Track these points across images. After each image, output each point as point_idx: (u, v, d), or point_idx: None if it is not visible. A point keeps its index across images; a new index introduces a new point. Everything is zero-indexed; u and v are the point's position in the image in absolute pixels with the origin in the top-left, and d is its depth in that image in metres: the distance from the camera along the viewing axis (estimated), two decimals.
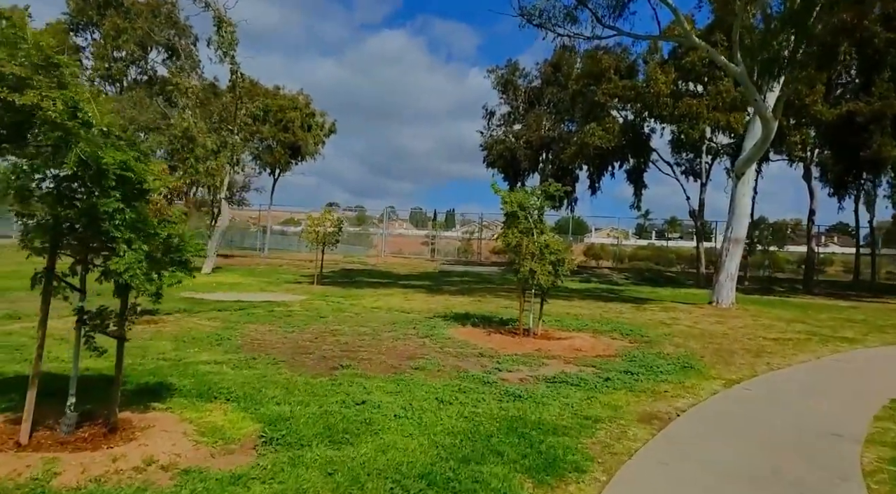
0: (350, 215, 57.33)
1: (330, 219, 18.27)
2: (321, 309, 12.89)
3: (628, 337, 10.94)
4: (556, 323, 12.15)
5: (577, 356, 9.00)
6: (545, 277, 9.86)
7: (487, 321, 11.99)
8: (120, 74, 30.09)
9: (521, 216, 10.61)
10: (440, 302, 15.38)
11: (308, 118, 35.08)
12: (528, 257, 10.11)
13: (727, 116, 22.76)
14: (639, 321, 13.25)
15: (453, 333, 10.40)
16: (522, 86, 34.00)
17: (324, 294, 16.02)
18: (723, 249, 16.24)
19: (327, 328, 10.37)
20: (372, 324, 11.02)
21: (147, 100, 29.46)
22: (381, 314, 12.60)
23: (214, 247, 20.75)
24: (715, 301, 16.07)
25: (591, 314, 14.15)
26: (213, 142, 19.09)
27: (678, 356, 9.25)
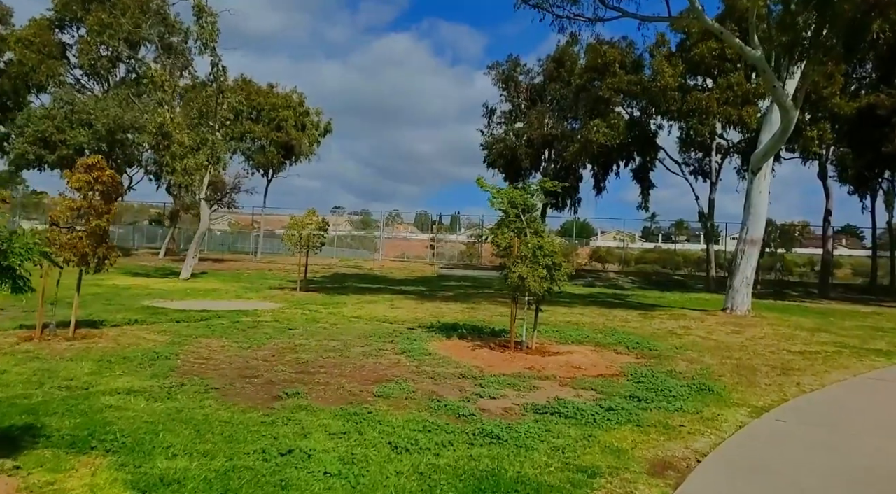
0: (355, 219, 56.28)
1: (314, 220, 17.04)
2: (293, 319, 11.66)
3: (635, 350, 9.64)
4: (554, 333, 10.87)
5: (575, 376, 7.73)
6: (536, 283, 8.58)
7: (477, 332, 10.72)
8: (105, 71, 28.99)
9: (511, 214, 9.36)
10: (429, 309, 14.13)
11: (302, 117, 33.96)
12: (519, 260, 8.84)
13: (739, 111, 21.42)
14: (647, 331, 11.94)
15: (435, 347, 9.14)
16: (524, 83, 32.72)
17: (304, 301, 14.79)
18: (737, 251, 14.91)
19: (291, 342, 9.13)
20: (345, 337, 9.77)
21: (135, 98, 28.44)
22: (359, 325, 11.35)
23: (193, 250, 19.54)
24: (729, 307, 14.74)
25: (594, 322, 12.86)
26: (190, 139, 17.91)
27: (693, 375, 7.96)
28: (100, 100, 27.59)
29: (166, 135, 17.75)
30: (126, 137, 26.83)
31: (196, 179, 18.19)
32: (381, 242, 39.36)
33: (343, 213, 61.06)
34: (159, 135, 17.87)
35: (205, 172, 18.94)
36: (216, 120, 18.95)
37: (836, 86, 19.86)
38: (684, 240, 46.76)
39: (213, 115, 18.98)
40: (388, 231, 48.23)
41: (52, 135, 26.49)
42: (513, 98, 32.70)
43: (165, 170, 17.97)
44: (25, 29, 29.45)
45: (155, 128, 17.75)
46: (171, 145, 17.75)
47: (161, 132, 17.75)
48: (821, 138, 20.81)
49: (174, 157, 17.78)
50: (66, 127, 26.70)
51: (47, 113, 26.97)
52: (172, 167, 17.77)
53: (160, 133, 17.78)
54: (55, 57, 29.19)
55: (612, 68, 25.44)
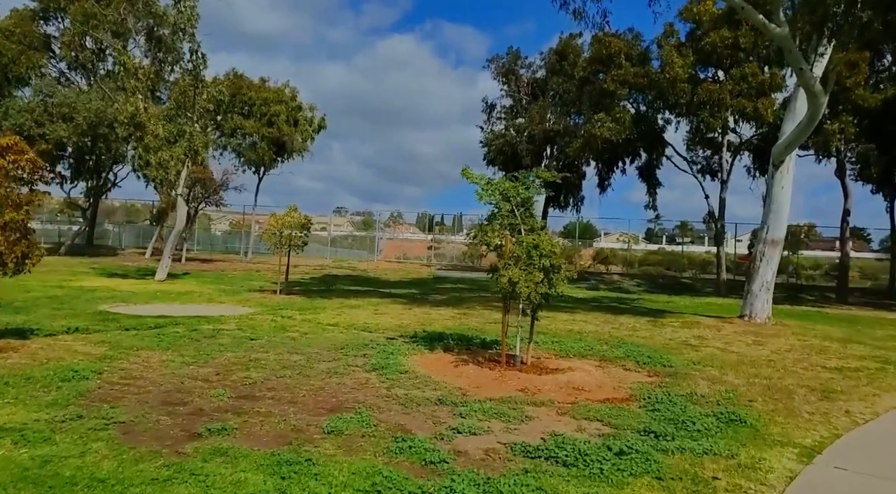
0: (356, 220, 55.20)
1: (295, 217, 15.76)
2: (260, 327, 10.37)
3: (646, 366, 8.33)
4: (554, 345, 9.57)
5: (576, 400, 6.44)
6: (529, 288, 7.28)
7: (465, 343, 9.43)
8: (90, 63, 27.77)
9: (504, 209, 8.07)
10: (417, 315, 12.84)
11: (295, 112, 32.68)
12: (512, 262, 7.55)
13: (753, 103, 20.07)
14: (657, 341, 10.63)
15: (414, 363, 7.85)
16: (525, 77, 31.42)
17: (280, 306, 13.51)
18: (756, 253, 13.57)
19: (246, 356, 7.85)
20: (311, 350, 8.49)
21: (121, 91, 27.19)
22: (333, 334, 10.06)
23: (169, 250, 18.27)
24: (747, 314, 13.40)
25: (599, 331, 11.55)
26: (166, 131, 16.66)
27: (718, 399, 6.66)
28: (81, 94, 26.36)
29: (139, 126, 16.52)
30: (110, 132, 25.55)
31: (172, 174, 16.94)
32: (378, 242, 38.13)
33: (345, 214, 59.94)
34: (131, 126, 16.65)
35: (182, 166, 17.68)
36: (194, 110, 17.69)
37: (859, 75, 18.51)
38: (689, 242, 45.85)
39: (191, 106, 17.72)
40: (390, 232, 47.31)
41: (31, 129, 25.28)
42: (513, 92, 31.40)
43: (138, 163, 16.72)
44: (6, 19, 28.29)
45: (126, 119, 16.53)
46: (144, 137, 16.51)
47: (133, 123, 16.52)
48: (842, 132, 19.44)
49: (148, 150, 16.53)
50: (45, 120, 25.50)
51: (26, 106, 25.76)
52: (146, 160, 16.52)
53: (132, 123, 16.55)
54: (37, 48, 27.98)
55: (618, 60, 24.10)
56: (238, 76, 33.40)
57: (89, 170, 29.64)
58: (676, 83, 21.97)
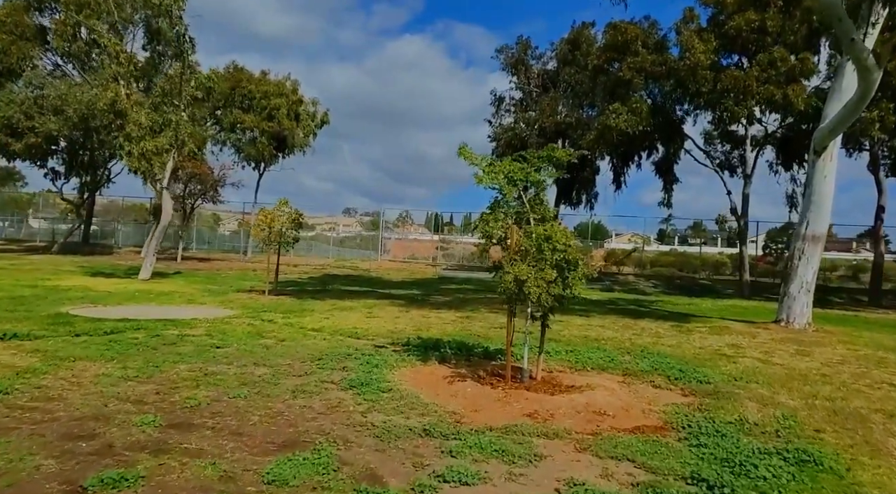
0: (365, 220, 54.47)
1: (286, 212, 14.53)
2: (233, 332, 9.12)
3: (679, 382, 6.99)
4: (568, 355, 8.24)
5: (599, 429, 5.14)
6: (539, 288, 5.97)
7: (465, 352, 8.13)
8: (82, 53, 26.69)
9: (509, 195, 6.76)
10: (414, 319, 11.55)
11: (296, 106, 31.52)
12: (518, 258, 6.24)
13: (783, 90, 18.59)
14: (687, 350, 9.27)
15: (402, 378, 6.57)
16: (536, 69, 30.04)
17: (265, 308, 12.28)
18: (794, 251, 12.16)
19: (203, 369, 6.60)
20: (283, 361, 7.23)
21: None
22: (314, 341, 8.79)
23: (153, 247, 17.07)
24: (783, 319, 11.99)
25: (619, 338, 10.21)
26: (148, 119, 15.50)
27: (776, 428, 5.33)
28: (73, 86, 25.31)
29: (120, 113, 15.37)
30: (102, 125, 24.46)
31: (156, 165, 15.77)
32: (381, 242, 36.96)
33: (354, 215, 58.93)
34: (111, 114, 15.50)
35: (167, 158, 16.51)
36: (181, 98, 16.51)
37: None
38: (702, 243, 44.99)
39: (177, 93, 16.54)
40: (399, 232, 46.65)
41: (20, 122, 24.27)
42: (523, 84, 30.03)
43: (119, 153, 15.59)
44: None
45: (106, 106, 15.38)
46: (125, 126, 15.36)
47: (114, 110, 15.37)
48: (882, 121, 17.91)
49: (130, 140, 15.37)
50: (35, 113, 24.47)
51: (15, 98, 24.75)
52: (128, 150, 15.38)
53: (112, 111, 15.39)
54: (28, 38, 26.98)
55: (634, 46, 22.67)
56: (238, 69, 32.33)
57: (83, 166, 28.61)
58: (697, 70, 20.53)
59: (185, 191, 27.38)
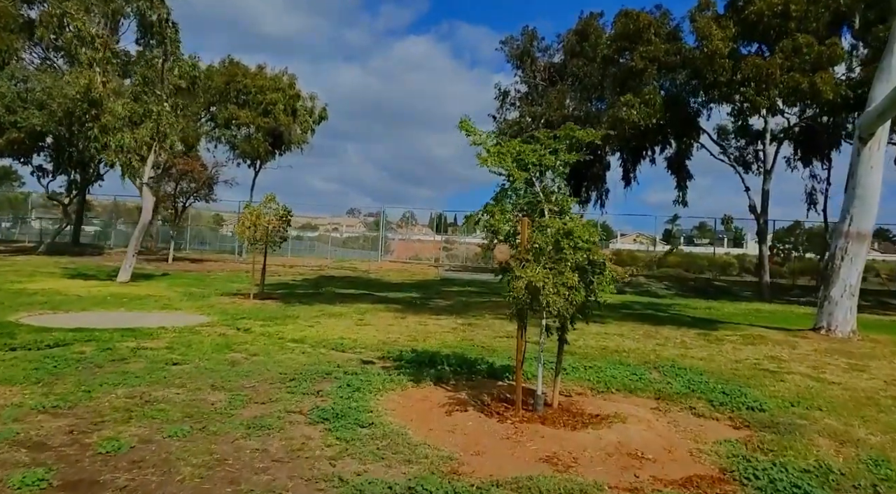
0: (369, 220, 53.65)
1: (273, 209, 13.35)
2: (199, 344, 7.92)
3: (725, 408, 5.77)
4: (588, 372, 7.03)
5: (639, 483, 3.96)
6: (559, 296, 4.75)
7: (467, 369, 6.91)
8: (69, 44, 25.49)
9: (519, 180, 5.54)
10: (410, 327, 10.33)
11: (293, 101, 30.36)
12: (531, 258, 5.02)
13: (809, 78, 17.31)
14: (721, 364, 8.03)
15: (388, 406, 5.37)
16: (542, 61, 28.79)
17: (244, 313, 11.08)
18: (835, 250, 10.87)
19: (145, 394, 5.41)
20: (247, 382, 6.03)
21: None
22: (291, 355, 7.58)
23: (133, 248, 15.88)
24: (823, 326, 10.71)
25: (642, 349, 8.98)
26: (126, 109, 14.34)
27: (869, 480, 4.10)
28: (59, 79, 24.18)
29: (94, 102, 14.22)
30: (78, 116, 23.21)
31: (133, 159, 14.60)
32: (382, 242, 35.81)
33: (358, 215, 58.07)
34: (85, 103, 14.33)
35: (148, 152, 15.34)
36: (163, 87, 15.35)
37: None
38: (707, 244, 44.25)
39: (159, 82, 15.39)
40: (402, 232, 45.84)
41: (2, 116, 23.15)
42: (529, 78, 28.80)
43: (93, 146, 14.44)
44: None
45: (79, 94, 14.22)
46: (100, 116, 14.21)
47: (88, 99, 14.21)
48: None
49: (105, 131, 14.22)
50: (18, 107, 23.36)
51: None
52: (103, 143, 14.22)
53: (86, 100, 14.23)
54: (14, 31, 25.87)
55: (647, 35, 21.42)
56: (233, 63, 31.22)
57: (72, 163, 27.50)
58: (715, 59, 19.26)
59: (176, 189, 26.23)
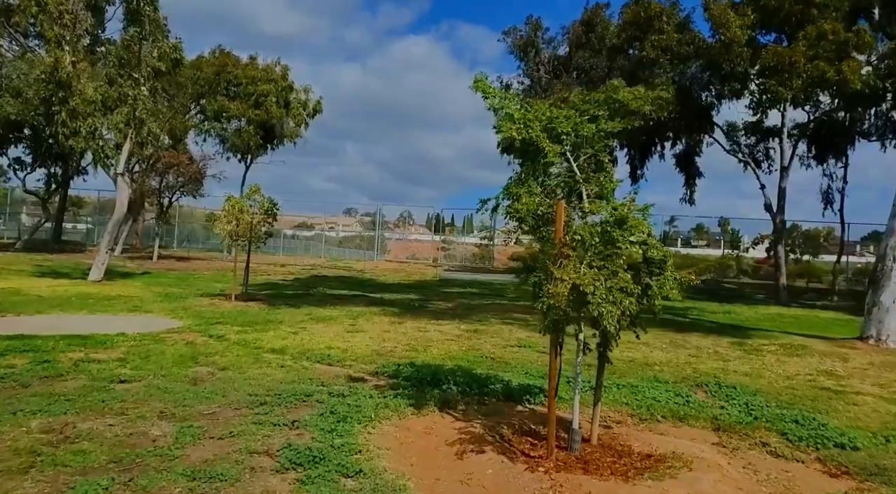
0: (366, 220, 52.67)
1: (258, 202, 12.11)
2: (159, 355, 6.70)
3: (806, 445, 4.61)
4: (621, 391, 5.87)
5: None
6: (612, 307, 3.55)
7: (477, 389, 5.71)
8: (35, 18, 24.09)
9: (550, 154, 4.33)
10: (408, 333, 9.11)
11: (286, 92, 29.07)
12: (571, 253, 3.81)
13: (835, 66, 16.17)
14: (773, 381, 6.86)
15: (381, 443, 4.18)
16: (546, 53, 27.60)
17: (221, 318, 9.83)
18: (885, 251, 9.73)
19: (70, 425, 4.23)
20: (204, 407, 4.83)
21: None
22: (267, 369, 6.36)
23: (105, 244, 14.58)
24: (872, 335, 9.55)
25: (675, 361, 7.81)
26: (97, 91, 13.09)
27: None
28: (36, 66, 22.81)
29: (63, 84, 12.97)
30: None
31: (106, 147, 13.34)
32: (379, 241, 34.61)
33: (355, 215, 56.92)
34: (51, 85, 13.05)
35: (124, 140, 14.08)
36: (140, 70, 14.10)
37: None
38: (704, 246, 43.78)
39: (136, 64, 14.14)
40: (399, 232, 44.74)
41: None
42: (532, 70, 27.60)
43: (61, 132, 13.17)
44: None
45: (45, 75, 12.94)
46: (69, 99, 12.96)
47: (55, 80, 12.95)
48: None
49: (75, 116, 12.97)
50: None
51: None
52: (73, 128, 12.96)
53: (53, 81, 12.96)
54: None
55: (658, 23, 20.26)
56: (224, 53, 29.88)
57: (51, 155, 26.13)
58: (732, 48, 18.09)
59: (161, 184, 24.95)
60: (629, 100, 4.75)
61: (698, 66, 20.75)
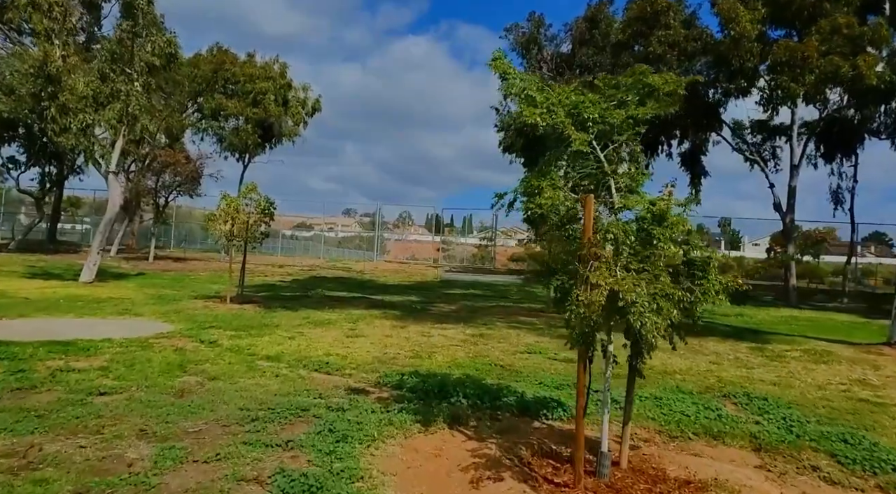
0: (365, 220, 52.40)
1: (254, 201, 11.64)
2: (146, 363, 6.22)
3: (861, 468, 4.18)
4: (644, 404, 5.41)
5: None
6: (657, 317, 3.09)
7: (489, 402, 5.24)
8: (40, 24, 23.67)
9: (577, 143, 3.86)
10: (411, 338, 8.63)
11: (284, 90, 28.61)
12: (602, 254, 3.33)
13: (850, 61, 15.69)
14: (805, 392, 6.39)
15: (387, 467, 3.72)
16: (548, 50, 27.15)
17: (215, 322, 9.36)
18: None
19: (35, 446, 3.75)
20: (190, 424, 4.36)
21: None
22: (260, 380, 5.89)
23: (97, 245, 14.09)
24: None
25: (694, 369, 7.33)
26: (88, 86, 12.63)
27: None
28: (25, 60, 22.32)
29: (52, 79, 12.50)
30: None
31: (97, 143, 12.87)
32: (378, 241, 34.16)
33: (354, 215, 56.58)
34: (41, 79, 12.57)
35: (117, 136, 13.60)
36: (133, 65, 13.64)
37: None
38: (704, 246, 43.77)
39: (129, 59, 13.67)
40: (399, 232, 44.37)
41: None
42: (534, 68, 27.12)
43: (51, 129, 12.70)
44: None
45: (34, 69, 12.47)
46: (59, 94, 12.49)
47: (44, 74, 12.48)
48: None
49: (65, 112, 12.51)
50: None
51: None
52: (62, 125, 12.50)
53: (41, 75, 12.48)
54: None
55: (665, 18, 19.83)
56: (221, 51, 29.44)
57: (45, 154, 25.66)
58: (742, 43, 17.64)
59: (157, 183, 24.46)
60: (660, 84, 4.30)
61: (705, 62, 20.29)
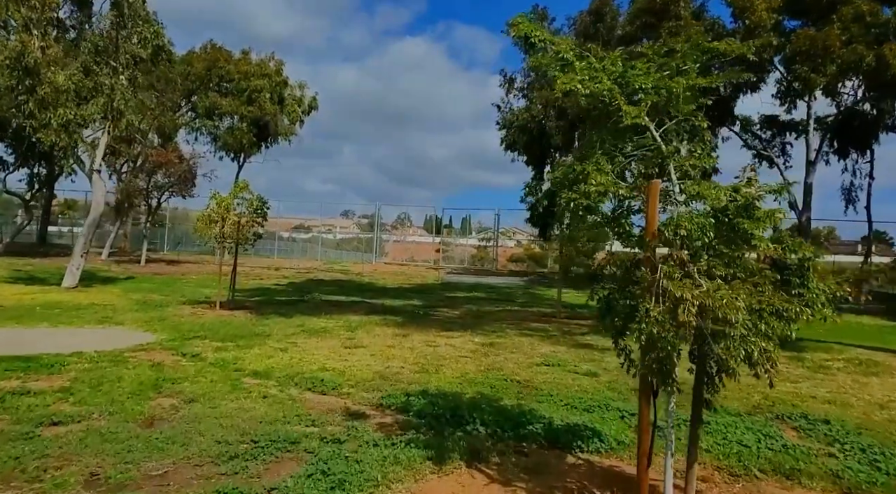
0: (363, 222, 51.86)
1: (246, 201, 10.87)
2: (115, 383, 5.44)
3: None
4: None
5: None
6: (763, 341, 2.31)
7: (511, 431, 4.46)
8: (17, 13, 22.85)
9: (628, 117, 3.08)
10: (415, 348, 7.85)
11: (280, 88, 27.84)
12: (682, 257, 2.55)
13: (875, 50, 14.89)
14: (868, 412, 5.64)
15: None
16: None
17: (200, 331, 8.57)
18: None
19: None
20: (155, 465, 3.58)
21: None
22: (243, 403, 5.10)
23: (80, 248, 13.27)
24: None
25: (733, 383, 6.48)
26: (69, 79, 11.85)
27: None
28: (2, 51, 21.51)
29: (30, 71, 11.73)
30: None
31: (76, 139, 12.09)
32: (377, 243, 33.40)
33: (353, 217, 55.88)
34: (18, 71, 11.80)
35: (102, 133, 12.82)
36: (118, 57, 12.86)
37: None
38: None
39: (113, 51, 12.89)
40: (397, 234, 43.67)
41: None
42: None
43: (29, 124, 11.93)
44: None
45: (10, 61, 11.69)
46: (37, 88, 11.72)
47: (21, 67, 11.71)
48: None
49: (44, 106, 11.74)
50: None
51: None
52: (42, 120, 11.74)
53: (18, 68, 11.71)
54: None
55: (675, 9, 19.09)
56: (215, 48, 28.65)
57: (34, 154, 24.83)
58: (757, 33, 16.86)
59: (149, 184, 23.66)
60: (724, 48, 3.54)
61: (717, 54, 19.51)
